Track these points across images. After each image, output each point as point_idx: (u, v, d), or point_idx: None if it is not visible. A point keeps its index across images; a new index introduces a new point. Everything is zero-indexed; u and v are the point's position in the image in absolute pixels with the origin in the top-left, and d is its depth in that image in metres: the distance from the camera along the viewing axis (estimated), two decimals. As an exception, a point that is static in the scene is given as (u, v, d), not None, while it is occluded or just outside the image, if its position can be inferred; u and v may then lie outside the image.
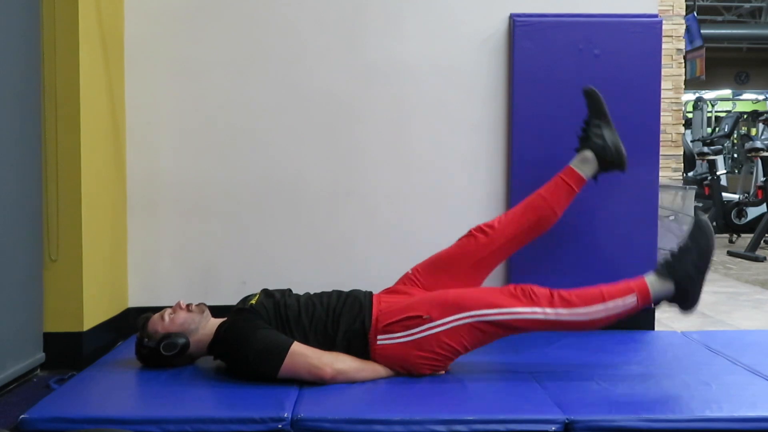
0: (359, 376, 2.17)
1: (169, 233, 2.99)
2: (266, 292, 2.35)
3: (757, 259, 5.83)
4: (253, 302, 2.29)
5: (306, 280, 2.66)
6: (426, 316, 2.20)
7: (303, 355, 2.13)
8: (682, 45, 5.86)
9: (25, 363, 2.35)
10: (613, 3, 2.97)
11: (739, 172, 9.86)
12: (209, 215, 2.99)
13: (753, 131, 11.33)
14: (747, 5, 14.49)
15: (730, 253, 6.22)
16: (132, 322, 2.71)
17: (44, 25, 2.46)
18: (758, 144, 6.93)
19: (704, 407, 1.99)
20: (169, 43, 2.96)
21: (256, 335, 2.16)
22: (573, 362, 2.32)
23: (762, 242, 6.30)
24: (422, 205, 3.00)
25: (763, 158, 6.95)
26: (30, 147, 2.38)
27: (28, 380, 2.39)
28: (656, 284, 2.22)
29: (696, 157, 7.51)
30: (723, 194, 7.43)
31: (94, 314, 2.64)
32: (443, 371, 2.24)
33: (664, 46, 3.35)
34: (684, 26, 5.92)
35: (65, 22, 2.48)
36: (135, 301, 2.98)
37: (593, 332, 2.49)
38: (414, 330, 2.19)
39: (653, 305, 2.26)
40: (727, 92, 15.59)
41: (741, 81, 16.82)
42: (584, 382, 2.18)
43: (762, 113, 10.42)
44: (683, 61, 5.89)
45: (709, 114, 12.55)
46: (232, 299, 2.49)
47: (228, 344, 2.21)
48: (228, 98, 2.98)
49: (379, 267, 2.76)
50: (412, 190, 3.00)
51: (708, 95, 13.60)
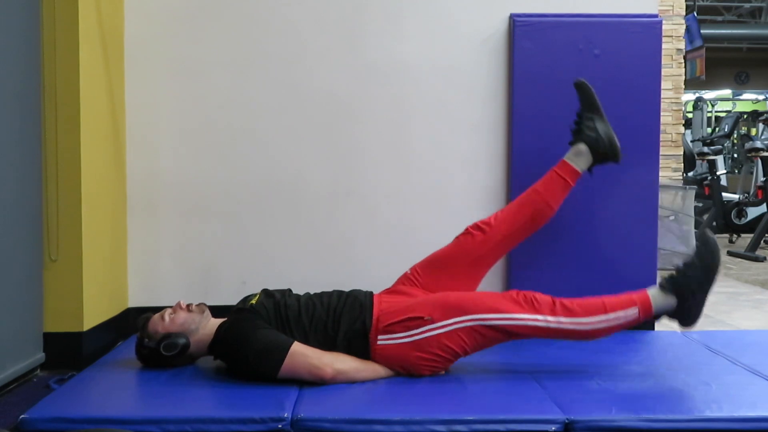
0: (359, 377, 2.17)
1: (169, 233, 2.99)
2: (266, 292, 2.35)
3: (757, 259, 5.83)
4: (254, 302, 2.29)
5: (306, 280, 2.66)
6: (427, 318, 2.20)
7: (303, 355, 2.13)
8: (682, 45, 5.86)
9: (25, 363, 2.35)
10: (613, 3, 2.97)
11: (739, 172, 9.86)
12: (209, 215, 2.99)
13: (753, 131, 11.34)
14: (747, 5, 14.49)
15: (730, 253, 6.22)
16: (132, 322, 2.72)
17: (44, 25, 2.46)
18: (758, 144, 6.93)
19: (704, 407, 1.99)
20: (169, 43, 2.96)
21: (257, 335, 2.16)
22: (573, 362, 2.32)
23: (762, 242, 6.30)
24: (422, 205, 3.00)
25: (763, 158, 6.95)
26: (30, 147, 2.38)
27: (28, 380, 2.38)
28: (659, 298, 2.22)
29: (696, 157, 7.51)
30: (723, 194, 7.43)
31: (94, 314, 2.63)
32: (443, 372, 2.25)
33: (664, 46, 3.35)
34: (684, 26, 5.92)
35: (65, 22, 2.48)
36: (135, 301, 2.98)
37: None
38: (415, 331, 2.19)
39: (654, 319, 2.26)
40: (727, 92, 15.60)
41: (741, 81, 16.82)
42: (584, 382, 2.18)
43: (762, 113, 10.43)
44: (683, 61, 5.89)
45: (709, 114, 12.56)
46: (232, 299, 2.49)
47: (228, 344, 2.21)
48: (228, 98, 2.98)
49: (379, 267, 2.76)
50: (412, 190, 3.01)
51: (708, 95, 13.61)
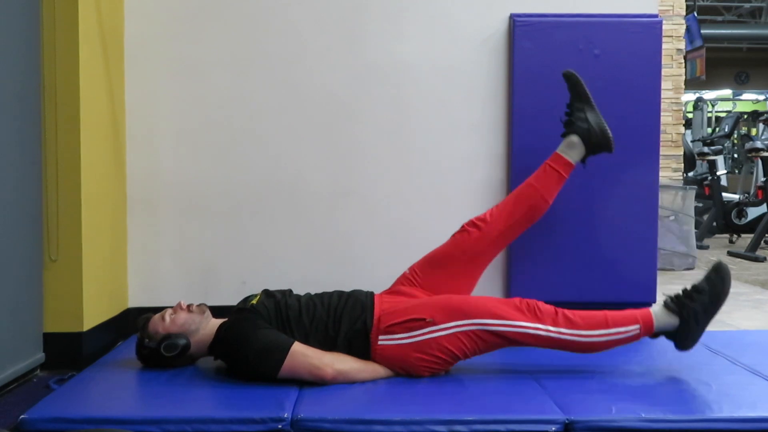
0: (359, 377, 2.17)
1: (169, 233, 2.99)
2: (267, 293, 2.35)
3: (757, 259, 5.83)
4: (254, 302, 2.29)
5: (306, 280, 2.66)
6: (429, 320, 2.20)
7: (303, 355, 2.13)
8: (682, 45, 5.87)
9: (25, 363, 2.35)
10: (613, 3, 2.97)
11: (740, 172, 9.87)
12: (209, 215, 2.99)
13: (753, 131, 11.35)
14: (747, 5, 14.50)
15: (730, 253, 6.22)
16: (132, 323, 2.72)
17: (44, 25, 2.46)
18: (758, 144, 6.92)
19: (704, 407, 1.99)
20: (169, 43, 2.96)
21: (257, 335, 2.16)
22: (573, 362, 2.32)
23: (762, 242, 6.30)
24: (422, 205, 3.00)
25: (764, 158, 6.95)
26: (30, 147, 2.38)
27: (28, 380, 2.38)
28: (661, 317, 2.22)
29: (696, 157, 7.51)
30: (723, 194, 7.43)
31: (94, 314, 2.63)
32: (443, 373, 2.25)
33: (664, 46, 3.35)
34: (684, 26, 5.93)
35: (65, 22, 2.48)
36: (135, 301, 2.98)
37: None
38: (416, 332, 2.19)
39: (653, 336, 2.26)
40: (727, 92, 15.60)
41: (741, 81, 16.83)
42: (584, 382, 2.18)
43: (762, 113, 10.42)
44: (683, 61, 5.90)
45: (709, 114, 12.56)
46: (232, 299, 2.50)
47: (228, 344, 2.21)
48: (228, 98, 2.98)
49: (380, 267, 2.76)
50: (412, 190, 3.00)
51: (708, 95, 13.61)
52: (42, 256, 2.47)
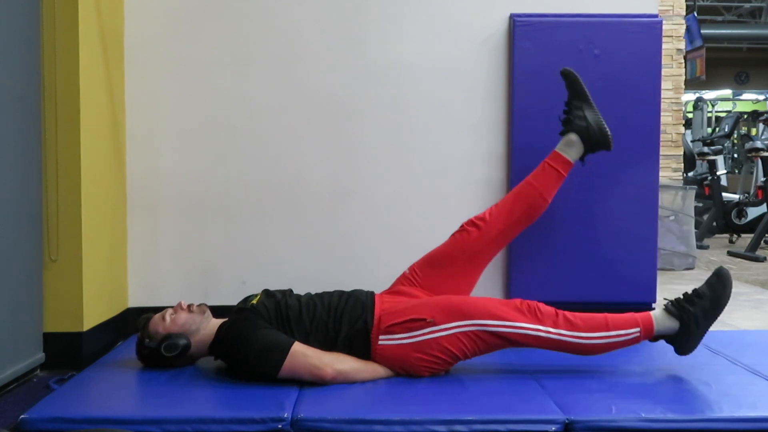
0: (359, 377, 2.17)
1: (169, 233, 2.99)
2: (267, 293, 2.35)
3: (757, 259, 5.83)
4: (254, 302, 2.29)
5: (306, 280, 2.66)
6: (429, 320, 2.20)
7: (304, 355, 2.13)
8: (682, 45, 5.87)
9: (25, 363, 2.35)
10: (613, 3, 2.97)
11: (739, 172, 9.87)
12: (209, 215, 2.99)
13: (753, 131, 11.35)
14: (747, 5, 14.50)
15: (730, 253, 6.22)
16: (132, 322, 2.72)
17: (44, 25, 2.46)
18: (758, 144, 6.92)
19: (704, 407, 1.99)
20: (169, 43, 2.96)
21: (257, 335, 2.16)
22: (573, 362, 2.32)
23: (762, 242, 6.30)
24: (422, 205, 3.00)
25: (764, 158, 6.95)
26: (30, 147, 2.38)
27: (28, 380, 2.38)
28: (661, 320, 2.22)
29: (696, 157, 7.52)
30: (723, 194, 7.43)
31: (94, 314, 2.63)
32: (442, 374, 2.25)
33: (664, 46, 3.35)
34: (684, 26, 5.93)
35: (65, 22, 2.48)
36: (135, 301, 2.98)
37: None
38: (416, 332, 2.20)
39: (653, 340, 2.26)
40: (727, 92, 15.61)
41: (741, 81, 16.83)
42: (584, 382, 2.18)
43: (762, 113, 10.43)
44: (683, 61, 5.90)
45: (709, 114, 12.56)
46: (232, 299, 2.49)
47: (228, 344, 2.21)
48: (228, 98, 2.98)
49: (380, 266, 2.75)
50: (412, 190, 3.00)
51: (708, 95, 13.62)
52: (42, 256, 2.47)
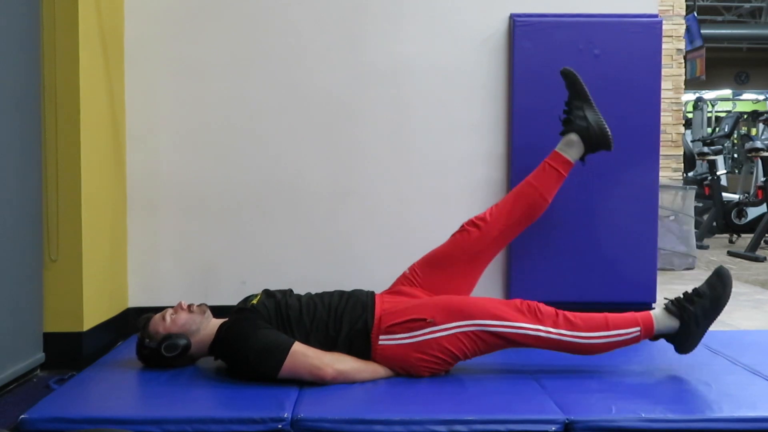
0: (359, 377, 2.17)
1: (169, 233, 2.99)
2: (267, 293, 2.35)
3: (757, 259, 5.83)
4: (255, 302, 2.29)
5: (306, 280, 2.66)
6: (430, 320, 2.20)
7: (304, 355, 2.13)
8: (682, 45, 5.87)
9: (25, 363, 2.35)
10: (613, 3, 2.97)
11: (739, 172, 9.87)
12: (209, 215, 2.99)
13: (753, 131, 11.34)
14: (747, 5, 14.50)
15: (730, 253, 6.22)
16: (132, 322, 2.72)
17: (44, 25, 2.46)
18: (758, 144, 6.93)
19: (704, 407, 1.99)
20: (169, 43, 2.96)
21: (257, 335, 2.16)
22: (573, 362, 2.32)
23: (762, 242, 6.30)
24: (422, 205, 3.00)
25: (763, 158, 6.95)
26: (30, 147, 2.38)
27: (28, 380, 2.38)
28: (662, 320, 2.23)
29: (696, 157, 7.52)
30: (723, 194, 7.43)
31: (94, 314, 2.63)
32: (443, 374, 2.25)
33: (664, 46, 3.35)
34: (684, 26, 5.93)
35: (65, 22, 2.48)
36: (135, 301, 2.98)
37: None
38: (416, 332, 2.19)
39: (653, 339, 2.26)
40: (727, 92, 15.60)
41: (741, 81, 16.83)
42: (584, 382, 2.18)
43: (762, 113, 10.43)
44: (683, 61, 5.90)
45: (709, 114, 12.56)
46: (232, 299, 2.49)
47: (228, 344, 2.21)
48: (228, 98, 2.98)
49: (380, 266, 2.75)
50: (412, 190, 3.00)
51: (708, 95, 13.61)
52: (42, 256, 2.47)
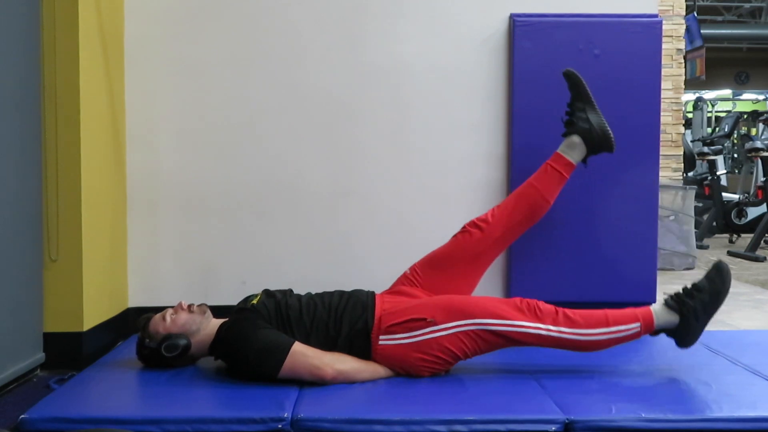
0: (360, 377, 2.17)
1: (170, 233, 2.99)
2: (267, 293, 2.35)
3: (757, 259, 5.83)
4: (255, 302, 2.29)
5: (306, 280, 2.66)
6: (430, 320, 2.20)
7: (304, 355, 2.13)
8: (682, 45, 5.87)
9: (25, 363, 2.35)
10: (613, 3, 2.97)
11: (739, 172, 9.87)
12: (209, 215, 2.99)
13: (753, 131, 11.34)
14: (747, 5, 14.49)
15: (730, 253, 6.22)
16: (132, 322, 2.72)
17: (44, 25, 2.46)
18: (758, 144, 6.92)
19: (704, 407, 1.99)
20: (169, 43, 2.96)
21: (257, 335, 2.16)
22: (573, 362, 2.32)
23: (762, 242, 6.30)
24: (422, 205, 3.00)
25: (763, 158, 6.95)
26: (30, 147, 2.38)
27: (28, 380, 2.38)
28: (661, 315, 2.23)
29: (696, 157, 7.52)
30: (723, 194, 7.43)
31: (94, 314, 2.63)
32: (443, 373, 2.24)
33: (664, 46, 3.35)
34: (684, 26, 5.93)
35: (65, 22, 2.48)
36: (135, 301, 2.98)
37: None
38: (417, 332, 2.19)
39: (654, 334, 2.26)
40: (727, 92, 15.60)
41: (741, 81, 16.82)
42: (584, 382, 2.18)
43: (762, 113, 10.43)
44: (683, 61, 5.90)
45: (709, 114, 12.56)
46: (232, 299, 2.49)
47: (229, 344, 2.21)
48: (228, 98, 2.98)
49: (380, 266, 2.76)
50: (412, 190, 3.01)
51: (708, 95, 13.61)
52: (42, 256, 2.47)
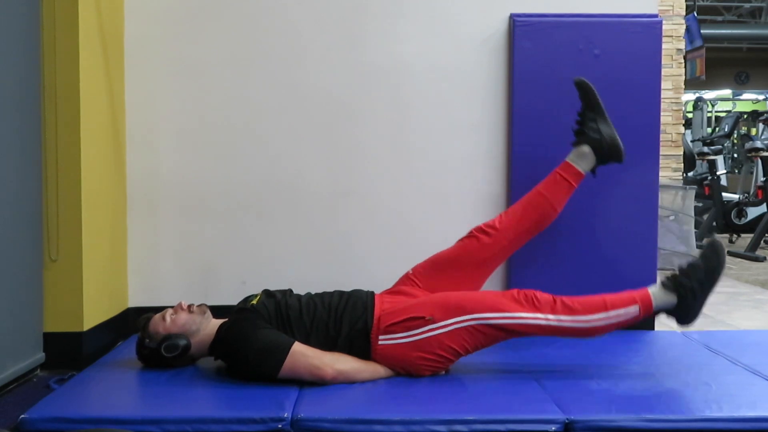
0: (359, 377, 2.17)
1: (170, 233, 2.99)
2: (267, 293, 2.35)
3: (757, 259, 5.83)
4: (254, 302, 2.29)
5: (306, 280, 2.66)
6: (428, 318, 2.20)
7: (304, 355, 2.13)
8: (682, 45, 5.87)
9: (25, 363, 2.35)
10: (613, 3, 2.97)
11: (739, 172, 9.86)
12: (209, 215, 2.99)
13: (753, 131, 11.34)
14: (747, 5, 14.49)
15: (730, 253, 6.21)
16: (132, 322, 2.72)
17: (44, 25, 2.46)
18: (758, 144, 6.93)
19: (704, 407, 1.99)
20: (169, 43, 2.96)
21: (257, 335, 2.16)
22: (573, 362, 2.32)
23: (762, 242, 6.30)
24: (422, 205, 3.00)
25: (763, 158, 6.95)
26: (30, 147, 2.38)
27: (28, 380, 2.38)
28: (659, 296, 2.23)
29: (696, 157, 7.51)
30: (723, 194, 7.43)
31: (94, 314, 2.63)
32: (443, 372, 2.25)
33: (664, 46, 3.35)
34: (684, 26, 5.92)
35: (65, 22, 2.48)
36: (135, 301, 2.98)
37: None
38: (416, 331, 2.19)
39: (653, 315, 2.27)
40: (727, 92, 15.59)
41: (741, 81, 16.82)
42: (584, 382, 2.18)
43: (762, 113, 10.43)
44: (683, 61, 5.89)
45: (709, 114, 12.56)
46: (232, 299, 2.50)
47: (228, 344, 2.21)
48: (228, 98, 2.98)
49: (380, 267, 2.76)
50: (412, 190, 3.01)
51: (708, 95, 13.60)
52: (42, 256, 2.47)
